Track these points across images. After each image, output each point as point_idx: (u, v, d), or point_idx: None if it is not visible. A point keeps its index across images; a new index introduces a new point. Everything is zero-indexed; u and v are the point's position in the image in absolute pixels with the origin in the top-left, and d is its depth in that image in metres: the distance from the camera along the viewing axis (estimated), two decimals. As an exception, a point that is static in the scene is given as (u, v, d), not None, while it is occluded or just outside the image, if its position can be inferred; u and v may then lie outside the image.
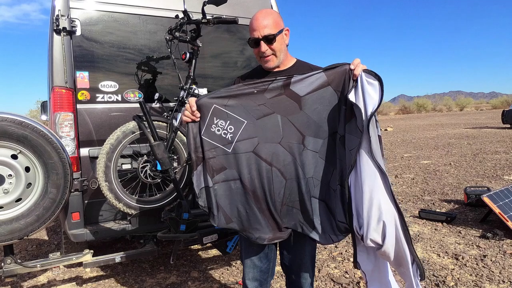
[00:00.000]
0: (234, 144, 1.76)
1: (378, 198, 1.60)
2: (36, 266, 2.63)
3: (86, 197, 2.93)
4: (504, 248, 3.69)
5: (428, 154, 10.47)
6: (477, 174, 7.36)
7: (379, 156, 1.61)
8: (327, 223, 1.80)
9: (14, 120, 2.33)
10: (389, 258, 1.65)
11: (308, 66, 1.98)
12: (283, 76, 1.78)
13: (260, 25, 1.82)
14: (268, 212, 1.79)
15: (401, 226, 1.60)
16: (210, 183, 1.79)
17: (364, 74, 1.65)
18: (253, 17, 1.87)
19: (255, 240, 1.81)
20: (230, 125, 1.77)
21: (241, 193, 1.78)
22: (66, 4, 2.80)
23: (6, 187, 2.39)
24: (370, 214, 1.62)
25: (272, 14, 1.87)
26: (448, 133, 17.29)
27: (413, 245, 1.61)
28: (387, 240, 1.60)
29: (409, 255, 1.60)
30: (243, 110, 1.76)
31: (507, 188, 4.44)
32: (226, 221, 1.81)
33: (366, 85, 1.63)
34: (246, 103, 1.77)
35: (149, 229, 2.93)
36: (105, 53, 2.95)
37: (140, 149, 2.84)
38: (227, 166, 1.78)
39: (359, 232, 1.67)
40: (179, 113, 2.71)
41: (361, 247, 1.76)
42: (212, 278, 3.35)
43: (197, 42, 2.76)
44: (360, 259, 1.77)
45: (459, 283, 3.06)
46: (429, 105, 58.92)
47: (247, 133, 1.76)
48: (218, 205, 1.80)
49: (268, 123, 1.76)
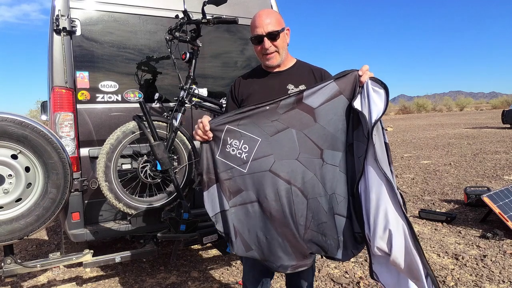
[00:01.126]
0: (249, 163, 1.67)
1: (384, 206, 1.58)
2: (36, 266, 2.63)
3: (86, 197, 2.93)
4: (504, 248, 3.69)
5: (428, 154, 10.47)
6: (477, 174, 7.36)
7: (385, 164, 1.59)
8: (349, 239, 1.72)
9: (14, 120, 2.33)
10: (400, 268, 1.61)
11: (308, 66, 1.97)
12: (295, 92, 1.73)
13: (263, 22, 1.83)
14: (291, 236, 1.67)
15: (411, 237, 1.56)
16: (226, 207, 1.70)
17: (370, 82, 1.63)
18: (256, 15, 1.88)
19: (277, 269, 1.71)
20: (244, 144, 1.69)
21: (260, 217, 1.67)
22: (66, 4, 2.80)
23: (6, 187, 2.39)
24: (376, 222, 1.60)
25: (274, 13, 1.91)
26: (448, 133, 17.28)
27: (425, 257, 1.56)
28: (394, 249, 1.56)
29: (421, 268, 1.55)
30: (256, 128, 1.69)
31: (507, 188, 4.44)
32: (245, 249, 1.71)
33: (372, 92, 1.62)
34: (259, 120, 1.70)
35: (149, 229, 2.93)
36: (105, 53, 2.95)
37: (140, 149, 2.83)
38: (243, 187, 1.68)
39: (370, 239, 1.64)
40: (179, 113, 2.71)
41: (380, 260, 1.70)
42: (212, 278, 3.35)
43: (197, 42, 2.76)
44: (379, 271, 1.71)
45: (459, 283, 3.06)
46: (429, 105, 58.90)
47: (262, 151, 1.67)
48: (236, 231, 1.70)
49: (283, 139, 1.68)
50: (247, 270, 2.03)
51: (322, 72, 1.95)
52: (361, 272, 3.35)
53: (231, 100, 2.01)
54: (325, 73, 1.95)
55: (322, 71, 1.95)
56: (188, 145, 2.82)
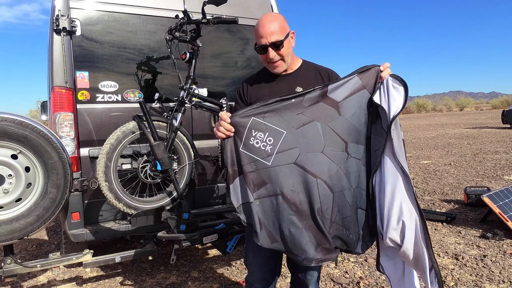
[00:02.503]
0: (274, 156, 1.66)
1: (399, 199, 1.62)
2: (36, 266, 2.63)
3: (86, 197, 2.93)
4: (504, 248, 3.69)
5: (428, 154, 10.47)
6: (477, 174, 7.36)
7: (403, 158, 1.63)
8: (366, 231, 1.74)
9: (14, 120, 2.33)
10: (408, 259, 1.65)
11: (315, 67, 1.98)
12: (319, 85, 1.73)
13: (267, 32, 1.80)
14: (317, 230, 1.66)
15: (422, 230, 1.61)
16: (251, 199, 1.69)
17: (390, 78, 1.65)
18: (259, 23, 1.84)
19: (301, 262, 1.70)
20: (269, 137, 1.67)
21: (285, 209, 1.65)
22: (66, 4, 2.80)
23: (6, 187, 2.39)
24: (390, 213, 1.63)
25: (277, 19, 1.85)
26: (448, 133, 17.29)
27: (433, 251, 1.60)
28: (406, 241, 1.61)
29: (427, 260, 1.59)
30: (282, 121, 1.68)
31: (507, 188, 4.44)
32: (271, 241, 1.69)
33: (392, 88, 1.64)
34: (284, 113, 1.70)
35: (149, 229, 2.93)
36: (105, 53, 2.95)
37: (140, 149, 2.83)
38: (268, 180, 1.67)
39: (382, 231, 1.68)
40: (179, 113, 2.71)
41: (388, 252, 1.75)
42: (212, 278, 3.35)
43: (197, 42, 2.76)
44: (386, 264, 1.76)
45: (459, 283, 3.06)
46: (429, 105, 58.90)
47: (287, 144, 1.66)
48: (261, 223, 1.69)
49: (309, 132, 1.68)
50: (255, 270, 2.02)
51: (329, 72, 1.95)
52: (361, 272, 3.35)
53: (241, 103, 2.00)
54: (332, 73, 1.94)
55: (329, 71, 1.95)
56: (188, 145, 2.82)
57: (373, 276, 3.25)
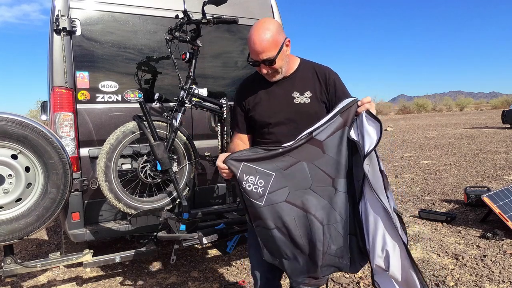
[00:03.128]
0: (265, 196, 1.76)
1: (382, 230, 1.67)
2: (36, 266, 2.63)
3: (86, 197, 2.93)
4: (504, 248, 3.69)
5: (428, 154, 10.47)
6: (477, 174, 7.36)
7: (381, 191, 1.66)
8: (357, 253, 1.82)
9: (14, 120, 2.33)
10: (398, 281, 1.70)
11: (312, 67, 1.97)
12: (304, 134, 1.78)
13: (258, 50, 1.75)
14: (310, 259, 1.78)
15: (407, 259, 1.64)
16: (252, 224, 1.82)
17: (365, 113, 1.71)
18: (250, 39, 1.77)
19: (291, 283, 1.86)
20: (259, 179, 1.76)
21: (281, 240, 1.77)
22: (66, 4, 2.80)
23: (6, 187, 2.39)
24: (375, 241, 1.69)
25: (270, 32, 1.75)
26: (448, 133, 17.29)
27: (422, 275, 1.64)
28: (391, 267, 1.65)
29: (418, 284, 1.63)
30: (270, 163, 1.78)
31: (507, 188, 4.44)
32: (272, 259, 1.83)
33: (366, 124, 1.70)
34: (272, 156, 1.80)
35: (149, 229, 2.93)
36: (105, 53, 2.95)
37: (140, 149, 2.83)
38: (262, 217, 1.78)
39: (369, 255, 1.75)
40: (179, 113, 2.71)
41: (380, 270, 1.79)
42: (212, 278, 3.35)
43: (197, 42, 2.76)
44: (380, 281, 1.79)
45: (459, 283, 3.06)
46: (429, 105, 58.84)
47: (277, 184, 1.76)
48: (263, 244, 1.82)
49: (296, 172, 1.77)
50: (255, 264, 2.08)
51: (326, 73, 1.94)
52: (361, 272, 3.35)
53: (238, 108, 2.01)
54: (329, 73, 1.94)
55: (326, 72, 1.94)
56: (188, 145, 2.82)
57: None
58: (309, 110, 1.92)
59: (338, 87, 1.93)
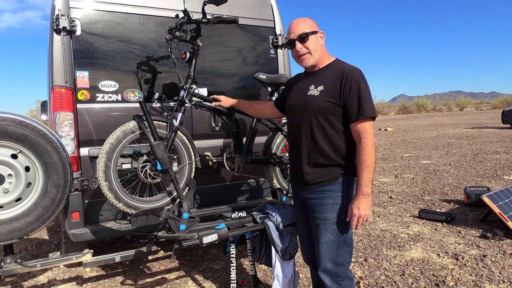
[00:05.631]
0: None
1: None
2: (36, 265, 2.63)
3: (86, 196, 2.93)
4: (504, 248, 3.69)
5: (428, 154, 10.48)
6: (477, 174, 7.36)
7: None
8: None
9: (14, 120, 2.33)
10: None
11: (341, 66, 2.04)
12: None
13: (295, 28, 2.04)
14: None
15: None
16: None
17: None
18: (290, 23, 2.09)
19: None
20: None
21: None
22: (66, 4, 2.79)
23: (6, 186, 2.38)
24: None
25: (307, 20, 2.09)
26: (448, 133, 17.29)
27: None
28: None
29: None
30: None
31: (507, 188, 4.44)
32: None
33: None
34: None
35: (149, 229, 2.92)
36: (105, 53, 2.95)
37: (140, 149, 2.83)
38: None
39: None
40: (179, 113, 2.71)
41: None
42: (212, 278, 3.34)
43: (197, 41, 2.75)
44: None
45: (459, 283, 3.06)
46: (429, 105, 58.78)
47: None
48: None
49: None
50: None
51: (347, 72, 1.96)
52: (361, 272, 3.35)
53: (283, 92, 2.41)
54: (349, 73, 1.95)
55: (347, 72, 1.97)
56: (188, 145, 2.81)
57: (373, 276, 3.25)
58: (314, 103, 2.00)
59: (353, 90, 1.93)
